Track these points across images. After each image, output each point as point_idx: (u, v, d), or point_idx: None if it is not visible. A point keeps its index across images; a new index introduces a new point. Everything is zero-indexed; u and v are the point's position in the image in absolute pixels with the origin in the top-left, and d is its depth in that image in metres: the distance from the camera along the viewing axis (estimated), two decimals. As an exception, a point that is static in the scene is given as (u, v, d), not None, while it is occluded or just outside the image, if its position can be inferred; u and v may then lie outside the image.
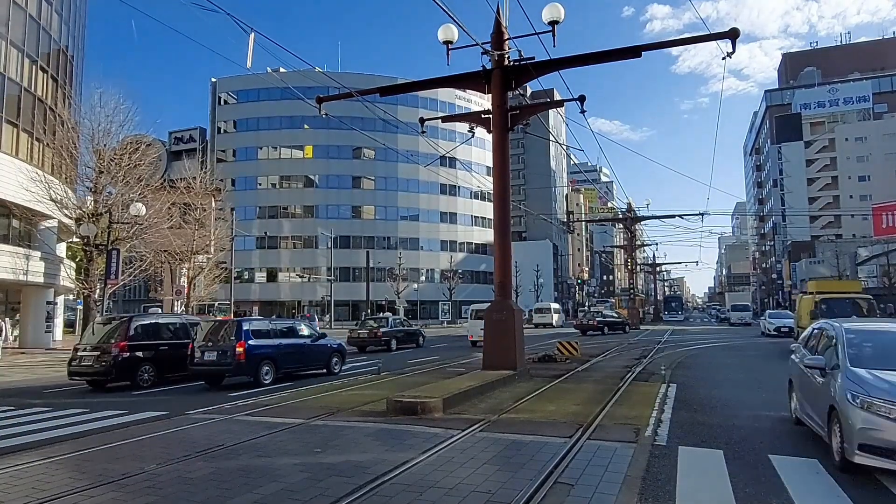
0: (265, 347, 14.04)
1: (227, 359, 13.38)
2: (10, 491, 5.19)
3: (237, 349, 13.30)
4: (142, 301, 62.05)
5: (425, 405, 8.46)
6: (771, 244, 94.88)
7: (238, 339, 13.47)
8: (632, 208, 56.48)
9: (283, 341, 14.76)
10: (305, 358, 15.40)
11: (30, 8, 28.25)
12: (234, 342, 13.46)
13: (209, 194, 33.45)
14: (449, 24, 13.23)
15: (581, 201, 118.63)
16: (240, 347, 13.32)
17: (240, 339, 13.45)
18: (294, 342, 15.12)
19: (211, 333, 14.16)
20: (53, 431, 8.36)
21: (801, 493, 4.97)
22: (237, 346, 13.33)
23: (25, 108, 27.92)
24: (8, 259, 25.60)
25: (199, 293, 32.71)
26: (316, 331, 17.14)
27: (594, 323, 37.97)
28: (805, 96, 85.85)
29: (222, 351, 13.51)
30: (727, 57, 11.61)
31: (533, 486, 4.96)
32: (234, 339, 13.55)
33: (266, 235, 67.50)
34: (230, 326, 14.21)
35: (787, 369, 8.62)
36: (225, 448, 6.66)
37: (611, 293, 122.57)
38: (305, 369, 15.46)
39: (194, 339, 13.97)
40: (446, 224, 76.35)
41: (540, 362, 16.21)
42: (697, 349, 23.03)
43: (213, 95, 75.33)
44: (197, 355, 13.76)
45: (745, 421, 8.30)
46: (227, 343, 13.59)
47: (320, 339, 16.31)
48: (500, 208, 13.79)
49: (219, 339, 13.91)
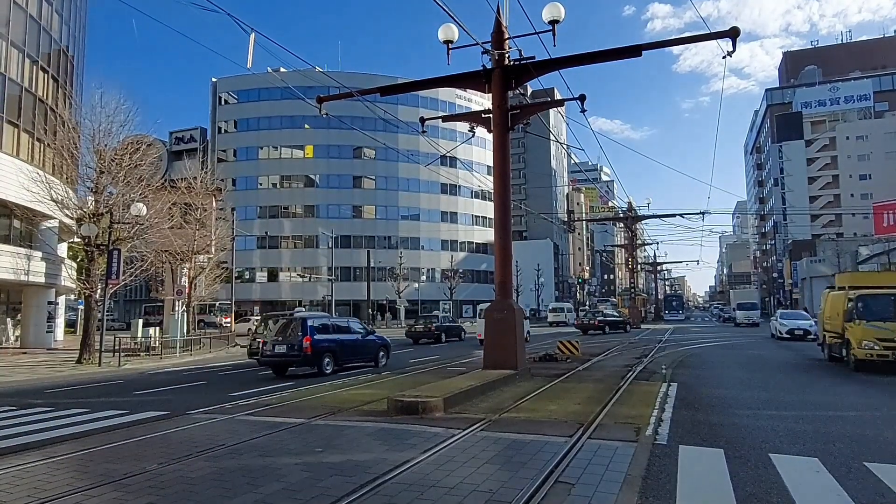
0: (326, 342, 16.00)
1: (294, 351, 15.41)
2: (11, 491, 5.19)
3: (304, 343, 15.34)
4: (143, 301, 62.11)
5: (426, 405, 8.46)
6: (772, 243, 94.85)
7: (304, 334, 15.46)
8: (632, 207, 56.37)
9: (340, 337, 16.78)
10: (358, 351, 17.26)
11: (30, 8, 28.26)
12: (300, 337, 15.47)
13: (210, 194, 33.44)
14: (449, 24, 13.24)
15: (582, 200, 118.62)
16: (306, 342, 15.34)
17: (306, 335, 15.43)
18: (348, 338, 17.11)
19: (280, 330, 16.40)
20: (55, 431, 8.37)
21: (802, 492, 4.97)
22: (304, 341, 15.35)
23: (26, 109, 27.94)
24: (9, 259, 25.62)
25: (201, 293, 32.71)
26: (367, 329, 19.06)
27: (595, 322, 38.03)
28: (806, 95, 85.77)
29: (291, 345, 15.52)
30: (728, 56, 11.61)
31: (533, 485, 4.97)
32: (300, 334, 15.53)
33: (267, 235, 67.58)
34: (297, 324, 16.09)
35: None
36: (226, 448, 6.67)
37: (612, 292, 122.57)
38: (358, 361, 17.18)
39: (314, 334, 15.77)
40: (447, 223, 76.37)
41: (540, 362, 16.23)
42: (699, 349, 23.02)
43: (214, 95, 75.37)
44: (268, 348, 15.92)
45: (745, 420, 8.30)
46: (295, 338, 15.58)
47: (369, 335, 18.31)
48: (501, 208, 13.79)
49: (287, 334, 15.90)
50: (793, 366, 16.48)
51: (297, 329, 15.84)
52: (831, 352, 16.75)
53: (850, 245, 62.34)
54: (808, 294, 65.87)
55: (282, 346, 15.74)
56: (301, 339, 15.45)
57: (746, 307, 47.06)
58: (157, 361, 21.67)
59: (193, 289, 30.88)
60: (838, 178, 79.07)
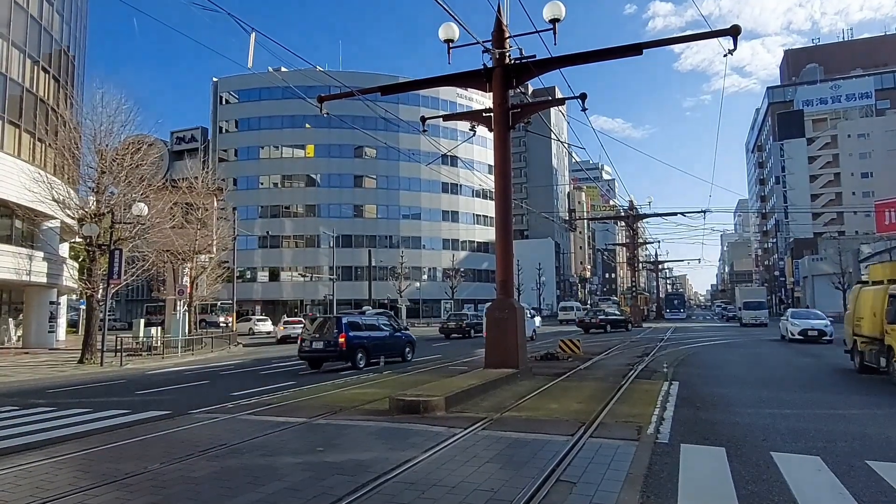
0: (359, 338, 17.39)
1: (331, 347, 16.75)
2: (14, 490, 5.20)
3: (339, 339, 16.66)
4: (145, 301, 62.19)
5: (427, 404, 8.47)
6: (773, 241, 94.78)
7: (339, 331, 16.83)
8: (634, 206, 56.20)
9: (371, 334, 18.18)
10: (387, 347, 18.63)
11: (31, 9, 28.28)
12: (336, 334, 16.81)
13: (211, 194, 33.45)
14: (450, 23, 13.23)
15: (583, 199, 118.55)
16: (341, 338, 16.67)
17: (341, 332, 16.79)
18: (379, 334, 18.54)
19: (317, 328, 17.73)
20: (57, 431, 8.38)
21: (803, 490, 4.97)
22: (339, 337, 16.69)
23: (27, 109, 27.97)
24: (11, 259, 25.66)
25: (202, 293, 32.73)
26: (394, 327, 20.45)
27: (597, 321, 38.02)
28: (807, 93, 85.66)
29: (327, 341, 16.87)
30: (729, 54, 11.60)
31: (535, 484, 4.97)
32: (336, 331, 16.89)
33: (268, 235, 67.59)
34: (333, 322, 17.50)
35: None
36: (228, 447, 6.68)
37: (613, 291, 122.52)
38: (387, 356, 18.49)
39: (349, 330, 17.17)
40: (448, 223, 76.36)
41: (542, 360, 16.22)
42: (701, 347, 23.01)
43: (215, 95, 75.40)
44: (306, 344, 17.30)
45: (747, 418, 8.29)
46: (331, 335, 16.92)
47: (396, 332, 19.80)
48: (502, 206, 13.79)
49: (324, 331, 17.26)
50: (818, 378, 13.40)
51: (333, 327, 17.20)
52: (864, 360, 13.63)
53: (851, 243, 62.29)
54: (810, 292, 65.82)
55: (319, 342, 17.07)
56: (336, 336, 16.80)
57: (753, 306, 44.20)
58: (158, 361, 21.70)
59: (195, 288, 30.91)
60: (840, 176, 78.98)
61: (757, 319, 42.03)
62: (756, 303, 44.88)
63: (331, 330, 17.19)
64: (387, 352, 18.61)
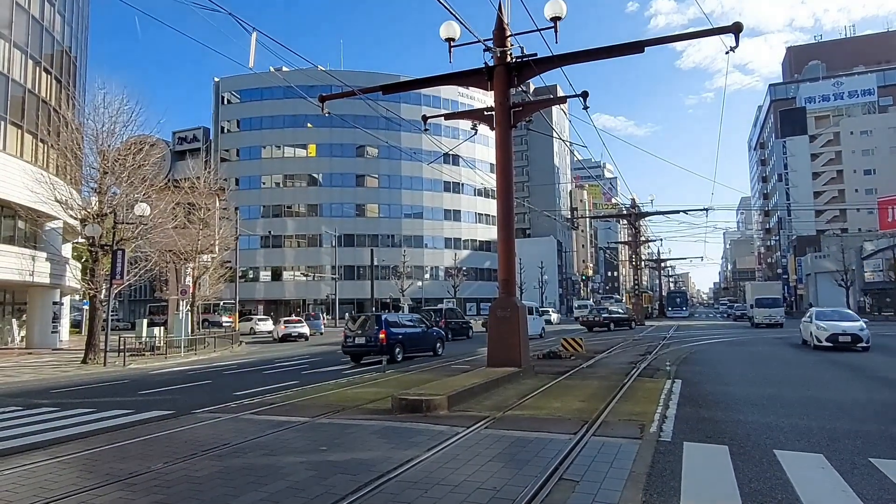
0: (397, 334, 19.00)
1: (372, 342, 18.28)
2: (18, 490, 5.22)
3: (380, 335, 18.21)
4: (147, 301, 62.30)
5: (430, 403, 8.47)
6: (776, 239, 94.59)
7: (380, 328, 18.38)
8: (636, 204, 56.13)
9: (407, 330, 19.85)
10: (421, 342, 20.21)
11: (32, 9, 28.32)
12: (377, 330, 18.36)
13: (213, 194, 33.50)
14: (451, 22, 13.22)
15: (585, 198, 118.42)
16: (382, 334, 18.22)
17: (381, 328, 18.35)
18: (414, 330, 20.26)
19: (360, 325, 19.24)
20: (61, 431, 8.41)
21: (806, 488, 4.96)
22: (380, 333, 18.23)
23: (29, 110, 28.02)
24: (14, 260, 25.73)
25: (205, 293, 32.79)
26: (427, 323, 22.11)
27: (600, 319, 37.93)
28: (810, 90, 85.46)
29: (369, 337, 18.43)
30: (731, 51, 11.58)
31: (538, 482, 4.97)
32: (377, 328, 18.44)
33: (270, 234, 67.67)
34: (373, 319, 19.16)
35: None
36: (231, 446, 6.69)
37: (615, 289, 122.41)
38: (421, 351, 20.03)
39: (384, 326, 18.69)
40: (450, 221, 76.36)
41: (544, 359, 16.21)
42: (706, 345, 22.98)
43: (216, 95, 75.47)
44: (349, 340, 18.88)
45: (750, 416, 8.28)
46: (372, 331, 18.47)
47: (429, 329, 21.56)
48: (504, 205, 13.78)
49: (366, 328, 18.81)
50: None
51: (374, 324, 18.81)
52: None
53: (854, 240, 62.15)
54: (812, 290, 65.68)
55: (361, 338, 18.67)
56: (377, 333, 18.36)
57: (767, 303, 38.57)
58: (161, 361, 21.75)
59: (197, 288, 30.95)
60: (842, 174, 78.80)
61: (771, 319, 37.12)
62: (770, 300, 39.30)
63: (371, 327, 18.74)
64: (421, 346, 20.15)
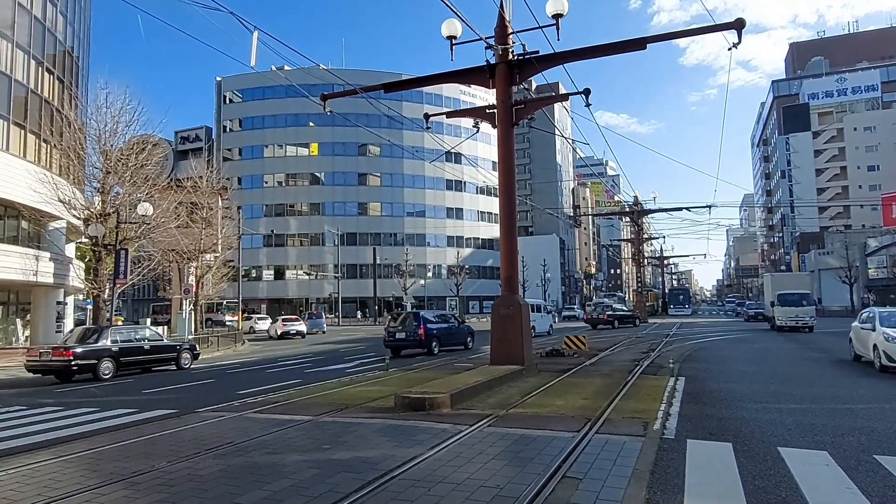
0: (434, 329, 20.65)
1: (412, 336, 20.16)
2: (22, 489, 5.24)
3: (419, 330, 20.02)
4: (151, 300, 62.41)
5: (433, 401, 8.46)
6: (779, 236, 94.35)
7: (419, 324, 20.23)
8: (638, 201, 55.90)
9: (442, 325, 21.62)
10: (454, 337, 21.72)
11: (35, 10, 28.35)
12: (416, 326, 20.22)
13: (216, 193, 33.56)
14: (452, 19, 13.19)
15: (587, 195, 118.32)
16: (421, 329, 20.01)
17: (420, 324, 20.17)
18: (448, 326, 22.12)
19: (401, 321, 21.20)
20: (65, 430, 8.43)
21: (810, 485, 4.95)
22: (419, 329, 20.05)
23: (32, 110, 28.06)
24: (18, 260, 25.78)
25: (208, 292, 32.86)
26: (458, 320, 24.00)
27: (605, 317, 37.85)
28: (813, 86, 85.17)
29: (409, 332, 20.27)
30: (733, 48, 11.54)
31: (541, 480, 4.96)
32: (416, 324, 20.34)
33: (273, 233, 67.75)
34: (413, 317, 21.32)
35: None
36: (234, 445, 6.70)
37: (618, 287, 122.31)
38: (455, 344, 21.55)
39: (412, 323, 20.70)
40: (452, 220, 76.33)
41: (547, 357, 16.20)
42: (710, 342, 22.94)
43: (218, 94, 75.54)
44: (391, 335, 20.55)
45: (754, 413, 8.26)
46: (412, 327, 20.36)
47: (461, 324, 23.38)
48: (506, 203, 13.75)
49: (406, 324, 20.72)
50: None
51: (413, 321, 20.74)
52: None
53: (858, 237, 61.95)
54: (816, 286, 65.48)
55: (401, 333, 20.49)
56: (417, 328, 20.14)
57: (792, 300, 29.72)
58: (165, 360, 21.71)
59: (200, 287, 31.02)
60: (846, 170, 78.56)
61: (800, 321, 28.78)
62: (797, 296, 30.22)
63: (411, 323, 20.67)
64: (454, 340, 21.68)
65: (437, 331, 20.79)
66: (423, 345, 20.05)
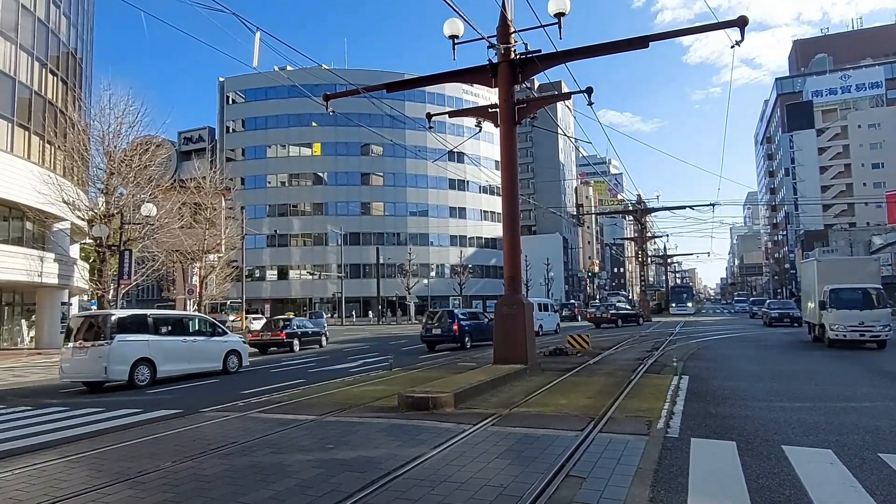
0: (466, 326, 22.14)
1: (447, 332, 21.99)
2: (28, 489, 5.26)
3: (453, 327, 21.75)
4: (155, 301, 62.59)
5: (436, 400, 8.47)
6: (783, 234, 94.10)
7: (453, 321, 22.00)
8: (641, 200, 55.75)
9: (473, 322, 22.91)
10: (483, 333, 22.02)
11: (38, 12, 28.46)
12: (451, 322, 21.99)
13: (219, 193, 33.62)
14: (454, 19, 13.19)
15: (591, 194, 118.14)
16: (455, 326, 21.72)
17: (454, 321, 21.91)
18: (478, 322, 23.18)
19: (437, 319, 22.96)
20: (70, 430, 8.46)
21: (815, 483, 4.94)
22: (454, 325, 21.76)
23: (36, 112, 28.17)
24: (23, 261, 25.89)
25: (212, 292, 32.93)
26: (486, 317, 24.12)
27: (608, 315, 37.75)
28: (816, 83, 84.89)
29: (443, 328, 22.16)
30: (736, 45, 11.51)
31: (544, 479, 4.96)
32: (450, 321, 22.12)
33: (276, 233, 67.85)
34: (447, 314, 23.13)
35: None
36: (238, 445, 6.72)
37: (622, 286, 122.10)
38: (485, 340, 21.36)
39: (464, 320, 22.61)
40: (455, 219, 76.32)
41: (551, 356, 16.19)
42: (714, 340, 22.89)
43: (221, 95, 75.66)
44: (427, 331, 22.52)
45: (758, 412, 8.25)
46: (446, 324, 22.14)
47: (490, 321, 22.95)
48: (509, 202, 13.74)
49: (441, 321, 22.52)
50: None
51: (447, 318, 22.54)
52: None
53: (863, 234, 61.79)
54: (820, 285, 65.20)
55: (437, 329, 22.36)
56: (451, 325, 21.89)
57: (854, 300, 18.42)
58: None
59: (204, 288, 31.08)
60: (850, 167, 78.30)
61: (866, 333, 18.08)
62: (859, 293, 18.53)
63: (446, 320, 22.45)
64: (485, 336, 21.83)
65: (468, 327, 22.14)
66: (456, 339, 21.62)
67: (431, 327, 22.53)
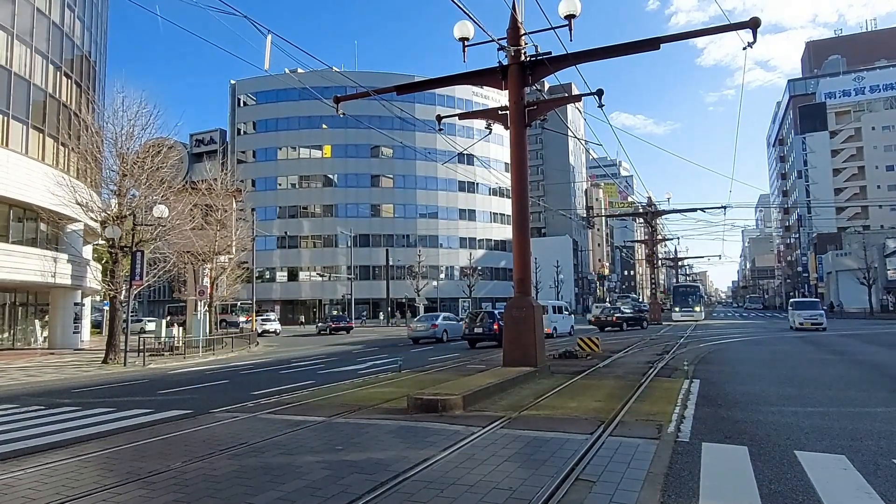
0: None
1: (488, 331, 24.10)
2: (40, 489, 5.30)
3: (493, 326, 23.72)
4: (166, 301, 63.03)
5: (446, 402, 8.45)
6: (796, 237, 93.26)
7: (493, 321, 23.98)
8: (652, 202, 55.41)
9: None
10: None
11: (53, 15, 28.80)
12: (491, 322, 24.08)
13: (230, 195, 33.73)
14: (465, 21, 13.19)
15: (601, 196, 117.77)
16: (495, 326, 23.42)
17: (494, 321, 23.75)
18: None
19: (478, 319, 25.23)
20: (82, 430, 8.53)
21: (828, 490, 4.88)
22: (494, 325, 23.67)
23: (50, 114, 28.49)
24: (36, 262, 26.16)
25: (222, 293, 33.06)
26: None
27: (612, 319, 37.50)
28: (830, 85, 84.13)
29: (485, 328, 24.40)
30: (748, 47, 11.42)
31: (554, 482, 4.94)
32: (490, 321, 24.23)
33: (286, 235, 68.18)
34: (488, 315, 25.20)
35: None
36: (248, 446, 6.74)
37: (632, 288, 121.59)
38: None
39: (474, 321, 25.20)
40: (465, 221, 76.33)
41: (560, 359, 16.13)
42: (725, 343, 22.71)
43: (232, 97, 76.16)
44: (468, 330, 24.98)
45: (770, 416, 8.17)
46: (487, 323, 24.37)
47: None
48: (519, 204, 13.71)
49: (482, 321, 24.77)
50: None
51: (487, 318, 24.74)
52: None
53: (877, 238, 61.03)
54: (833, 288, 64.64)
55: (478, 328, 24.58)
56: (492, 324, 23.93)
57: None
58: (180, 361, 21.98)
59: (215, 289, 31.22)
60: (864, 170, 77.51)
61: None
62: None
63: (486, 320, 24.51)
64: None
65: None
66: (496, 339, 22.43)
67: (473, 327, 24.84)
